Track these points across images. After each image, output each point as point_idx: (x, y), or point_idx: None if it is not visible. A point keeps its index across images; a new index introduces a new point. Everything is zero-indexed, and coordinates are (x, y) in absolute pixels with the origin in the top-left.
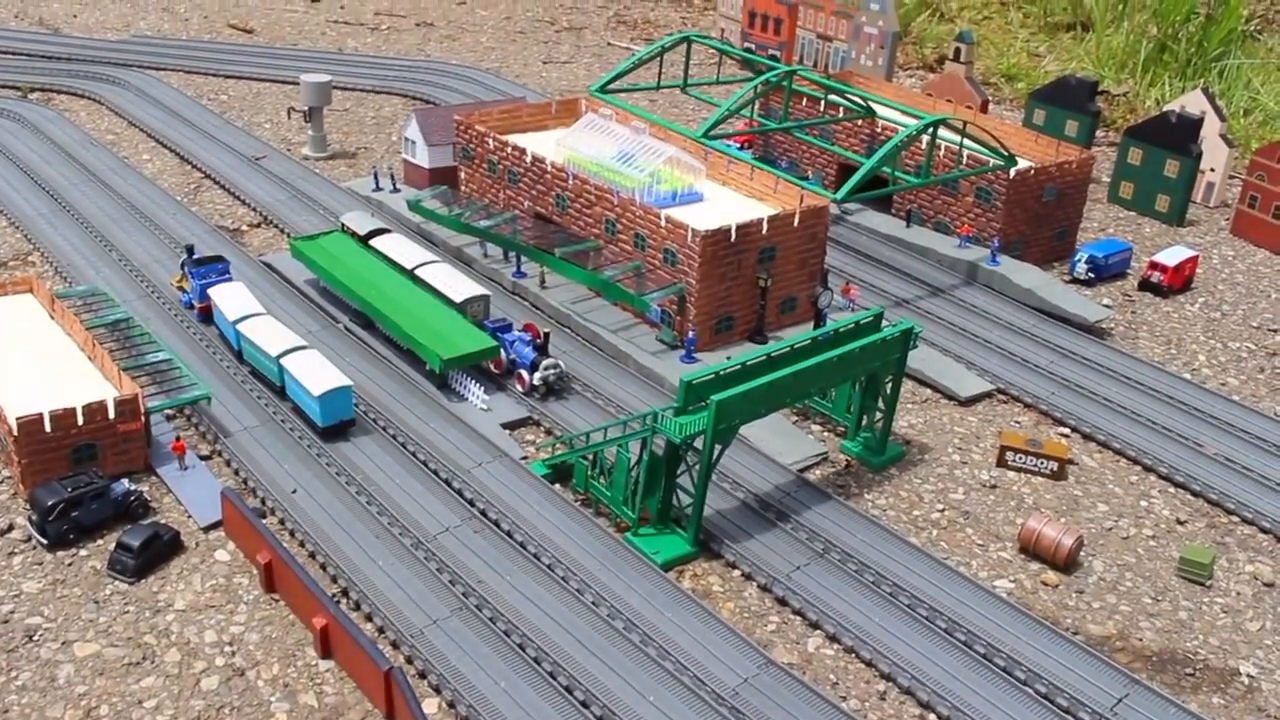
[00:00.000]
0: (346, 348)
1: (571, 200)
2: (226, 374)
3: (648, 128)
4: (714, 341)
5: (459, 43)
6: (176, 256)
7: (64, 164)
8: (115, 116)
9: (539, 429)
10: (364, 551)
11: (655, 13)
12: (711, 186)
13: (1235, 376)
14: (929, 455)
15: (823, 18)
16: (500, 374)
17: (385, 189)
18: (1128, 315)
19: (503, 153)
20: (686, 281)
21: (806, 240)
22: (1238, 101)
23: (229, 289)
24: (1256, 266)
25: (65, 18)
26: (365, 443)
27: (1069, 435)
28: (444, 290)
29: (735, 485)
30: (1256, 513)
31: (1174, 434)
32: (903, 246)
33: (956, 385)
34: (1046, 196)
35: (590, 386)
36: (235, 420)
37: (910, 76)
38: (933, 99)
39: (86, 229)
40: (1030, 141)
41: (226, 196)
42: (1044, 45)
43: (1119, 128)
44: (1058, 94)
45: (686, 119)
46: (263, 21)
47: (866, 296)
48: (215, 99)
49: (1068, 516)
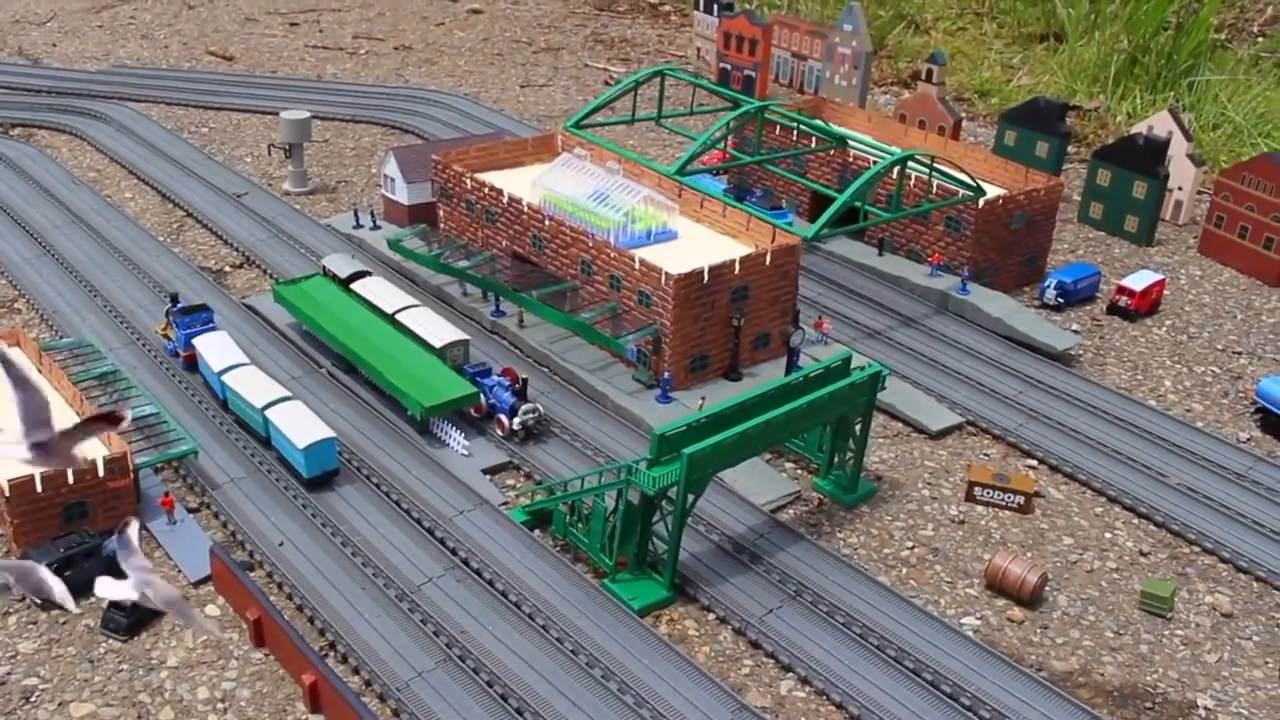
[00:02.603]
0: (329, 394)
1: (548, 241)
2: (212, 423)
3: (622, 167)
4: (689, 380)
5: (437, 66)
6: (161, 302)
7: (47, 205)
8: (97, 153)
9: (519, 473)
10: (350, 604)
11: (632, 31)
12: (685, 223)
13: (1200, 402)
14: (899, 491)
15: (797, 37)
16: (480, 418)
17: (365, 226)
18: (1096, 340)
19: (480, 192)
20: (661, 323)
21: (779, 278)
22: (1207, 115)
23: (213, 339)
24: (1223, 286)
25: (45, 47)
26: (350, 492)
27: (1036, 467)
28: (424, 335)
29: (710, 528)
30: (1216, 543)
31: (1139, 464)
32: (875, 275)
33: (927, 419)
34: (1015, 224)
35: (569, 429)
36: (222, 472)
37: (885, 93)
38: (905, 124)
39: (71, 274)
40: (999, 169)
41: (209, 236)
42: (1018, 57)
43: (1091, 144)
44: (1028, 116)
45: (663, 143)
46: (242, 47)
47: (839, 328)
48: (196, 132)
49: (1034, 551)
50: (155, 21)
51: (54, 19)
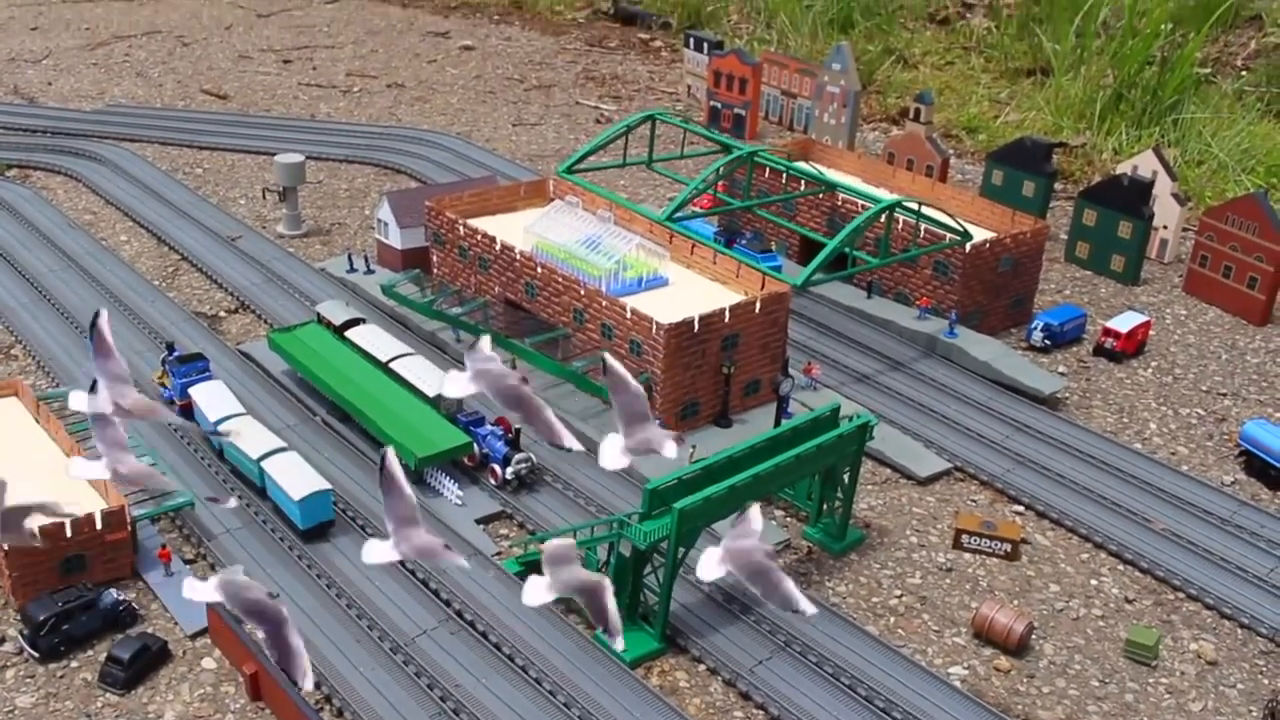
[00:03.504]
0: (324, 442)
1: (540, 288)
2: (208, 473)
3: (614, 214)
4: (680, 427)
5: (430, 104)
6: (157, 348)
7: (43, 249)
8: (93, 194)
9: (512, 522)
10: (345, 657)
11: (623, 68)
12: (677, 270)
13: (1185, 445)
14: (888, 539)
15: (787, 75)
16: (474, 467)
17: (359, 270)
18: (1082, 383)
19: (473, 239)
20: (652, 371)
21: (768, 325)
22: (1191, 151)
23: (209, 388)
24: (1208, 325)
25: (40, 85)
26: (345, 543)
27: (1023, 513)
28: (417, 384)
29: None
30: (1201, 589)
31: (1124, 510)
32: (863, 318)
33: (915, 465)
34: (1002, 267)
35: (561, 477)
36: (218, 523)
37: (874, 129)
38: (894, 165)
39: (68, 320)
40: (986, 211)
41: (204, 280)
42: (1005, 92)
43: (1077, 180)
44: (1015, 156)
45: (654, 184)
46: (236, 85)
47: (828, 373)
48: (191, 173)
49: (1020, 599)
50: (150, 59)
51: (49, 56)
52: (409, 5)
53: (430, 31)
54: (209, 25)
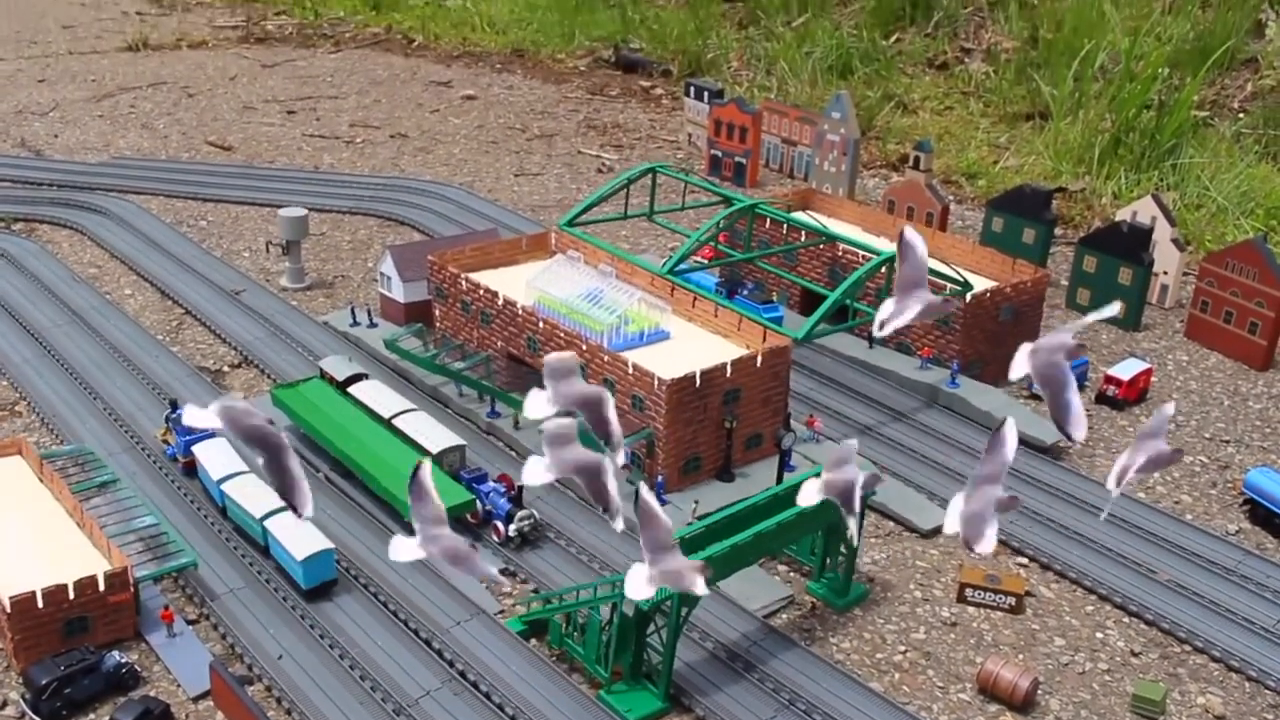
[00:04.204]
0: (326, 499)
1: (543, 343)
2: (211, 531)
3: (615, 268)
4: (682, 482)
5: (432, 155)
6: (161, 404)
7: (48, 303)
8: (98, 248)
9: (515, 579)
10: (347, 719)
11: (624, 116)
12: (678, 323)
13: (1189, 493)
14: (891, 593)
15: (787, 123)
16: (477, 524)
17: (362, 324)
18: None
19: (475, 293)
20: (655, 426)
21: (770, 379)
22: (1190, 195)
23: (212, 445)
24: (1209, 372)
25: (47, 138)
26: (348, 601)
27: (1027, 565)
28: (420, 441)
29: (704, 635)
30: (1207, 641)
31: (1128, 561)
32: (865, 369)
33: (918, 517)
34: (1003, 316)
35: (564, 533)
36: (221, 582)
37: (874, 176)
38: (894, 213)
39: (72, 375)
40: (986, 259)
41: (207, 334)
42: (1004, 136)
43: (1078, 225)
44: (1014, 203)
45: (656, 233)
46: (240, 136)
47: (830, 425)
48: (195, 225)
49: (1025, 653)
50: (155, 110)
51: (56, 109)
52: (411, 55)
53: (433, 81)
54: (214, 76)
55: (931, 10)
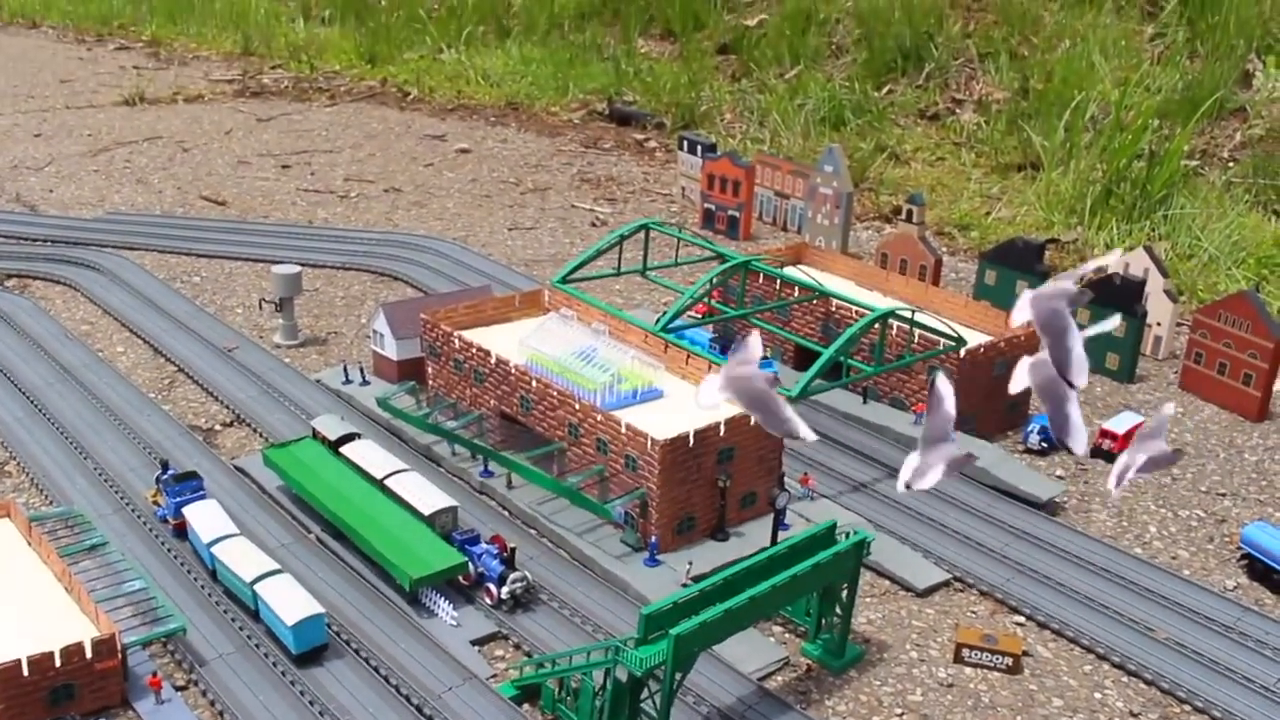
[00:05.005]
0: (318, 561)
1: (535, 402)
2: (201, 594)
3: (607, 327)
4: (676, 542)
5: (426, 209)
6: (152, 464)
7: (40, 361)
8: (91, 304)
9: (508, 643)
10: None
11: (618, 169)
12: (672, 381)
13: (1186, 548)
14: (888, 654)
15: (780, 176)
16: (469, 586)
17: (355, 381)
18: (1080, 486)
19: (467, 352)
20: (648, 486)
21: (764, 437)
22: (1182, 245)
23: (203, 508)
24: (1204, 423)
25: (42, 193)
26: (338, 666)
27: (1024, 624)
28: (412, 502)
29: (698, 699)
30: (1207, 701)
31: (1126, 618)
32: (859, 424)
33: (913, 576)
34: (997, 371)
35: (557, 595)
36: (211, 647)
37: (867, 228)
38: (887, 267)
39: (63, 434)
40: (979, 314)
41: (199, 392)
42: (996, 187)
43: None
44: (1007, 256)
45: (649, 288)
46: (234, 191)
47: (825, 482)
48: (188, 281)
49: (1023, 715)
50: (150, 165)
51: (52, 163)
52: (406, 108)
53: (427, 135)
54: (209, 130)
55: (923, 61)
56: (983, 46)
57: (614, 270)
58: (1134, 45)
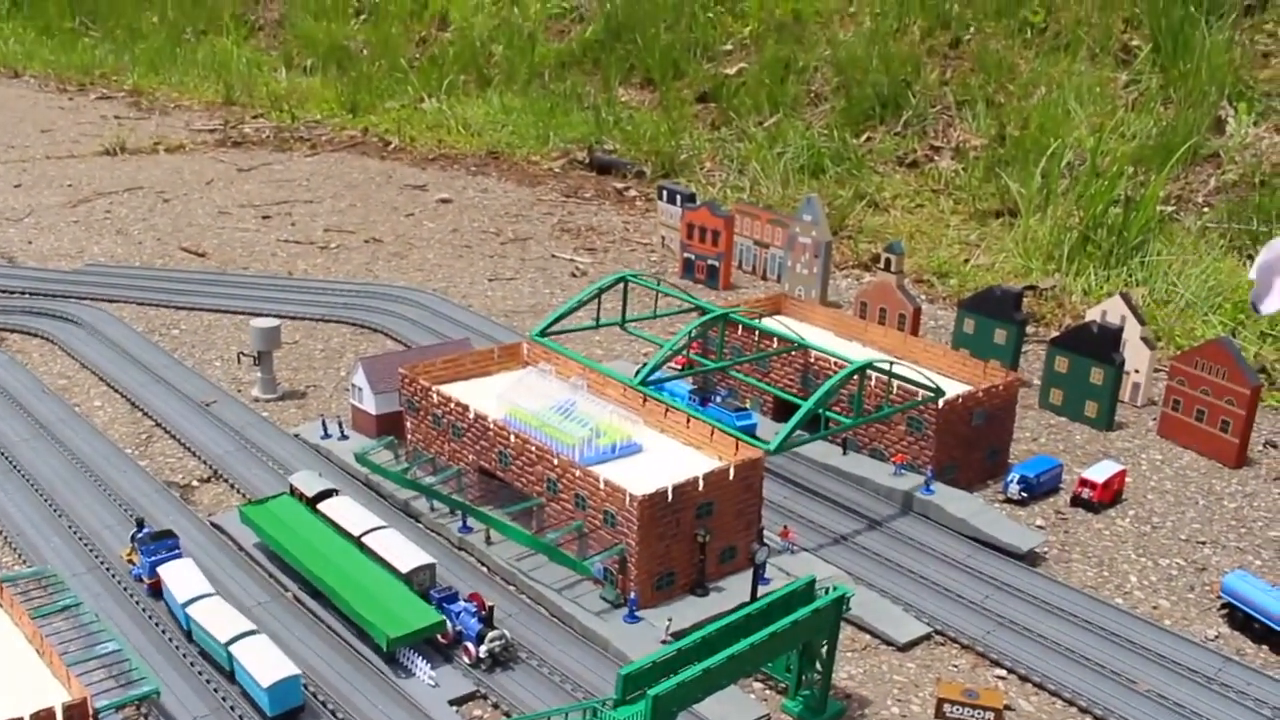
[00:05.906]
0: (294, 620)
1: (514, 457)
2: (176, 655)
3: (586, 381)
4: (655, 598)
5: (407, 260)
6: (127, 522)
7: (15, 416)
8: (68, 358)
9: (486, 703)
10: None
11: (598, 218)
12: (650, 435)
13: (1166, 598)
14: (869, 709)
15: (759, 225)
16: (447, 645)
17: (333, 436)
18: (1060, 535)
19: (446, 407)
20: (627, 543)
21: (743, 491)
22: (1159, 291)
23: (178, 567)
24: (1183, 470)
25: (21, 244)
26: None
27: (1006, 677)
28: (389, 560)
29: None
30: None
31: (1108, 670)
32: (839, 475)
33: (894, 630)
34: (976, 421)
35: (536, 653)
36: (185, 710)
37: (847, 277)
38: (866, 317)
39: (38, 491)
40: (958, 364)
41: (177, 447)
42: (975, 233)
43: (1049, 323)
44: (985, 304)
45: (628, 340)
46: (215, 242)
47: (805, 534)
48: (167, 334)
49: None
50: (130, 216)
51: (31, 214)
52: (387, 157)
53: (408, 184)
54: (190, 181)
55: (901, 109)
56: (960, 94)
57: (593, 322)
58: (1108, 92)
